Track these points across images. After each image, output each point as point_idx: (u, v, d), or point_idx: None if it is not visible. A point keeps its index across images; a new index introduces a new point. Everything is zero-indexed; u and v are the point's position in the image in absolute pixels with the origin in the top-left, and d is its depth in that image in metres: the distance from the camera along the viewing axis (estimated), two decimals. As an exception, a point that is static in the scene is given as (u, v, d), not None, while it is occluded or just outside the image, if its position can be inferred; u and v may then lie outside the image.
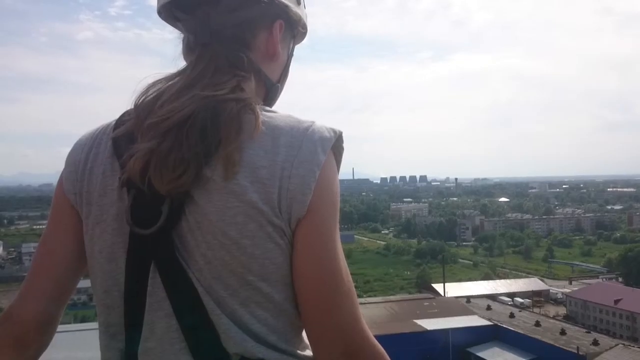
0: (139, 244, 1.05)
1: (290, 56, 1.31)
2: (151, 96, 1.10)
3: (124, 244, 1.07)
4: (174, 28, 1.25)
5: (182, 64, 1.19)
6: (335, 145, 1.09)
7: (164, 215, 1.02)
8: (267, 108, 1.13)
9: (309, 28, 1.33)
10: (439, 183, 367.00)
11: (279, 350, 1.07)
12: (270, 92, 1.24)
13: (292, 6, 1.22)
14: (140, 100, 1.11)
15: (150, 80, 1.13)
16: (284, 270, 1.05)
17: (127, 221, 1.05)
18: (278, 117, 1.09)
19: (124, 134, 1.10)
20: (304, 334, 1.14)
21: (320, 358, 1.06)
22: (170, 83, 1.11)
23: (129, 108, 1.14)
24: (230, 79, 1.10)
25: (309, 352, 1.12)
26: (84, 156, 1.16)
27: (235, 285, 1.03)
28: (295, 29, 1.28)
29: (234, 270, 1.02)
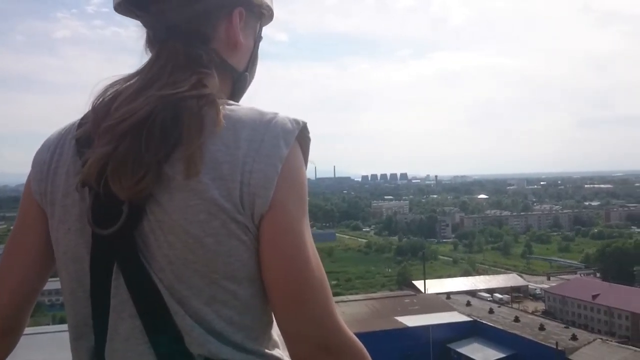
0: (101, 244, 1.04)
1: (257, 40, 1.27)
2: (108, 97, 1.09)
3: (87, 244, 1.06)
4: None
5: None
6: (300, 136, 1.07)
7: (124, 216, 1.01)
8: (230, 102, 1.10)
9: (279, 14, 1.31)
10: (419, 181, 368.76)
11: (245, 350, 1.06)
12: (238, 82, 1.22)
13: None
14: (98, 102, 1.10)
15: (109, 81, 1.12)
16: (250, 267, 1.03)
17: (88, 222, 1.04)
18: (240, 111, 1.06)
19: (84, 135, 1.09)
20: (273, 331, 1.13)
21: (296, 353, 1.04)
22: (128, 83, 1.10)
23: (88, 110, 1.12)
24: (189, 75, 1.08)
25: (277, 351, 1.12)
26: (49, 156, 1.15)
27: (199, 284, 1.01)
28: (258, 12, 1.24)
29: (198, 269, 1.01)
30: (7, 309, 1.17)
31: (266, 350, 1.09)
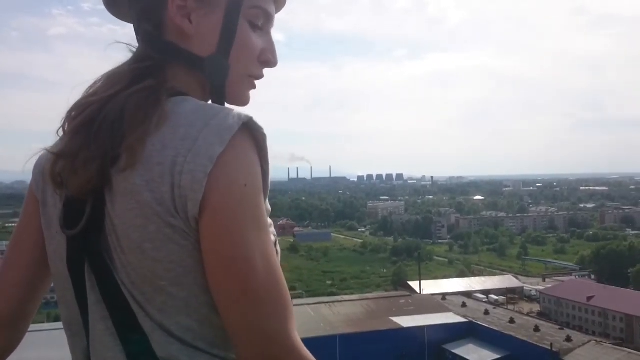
0: (73, 245, 1.03)
1: (230, 15, 1.09)
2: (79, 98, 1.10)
3: (65, 245, 1.06)
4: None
5: None
6: (252, 132, 0.98)
7: (85, 216, 1.00)
8: (187, 98, 1.04)
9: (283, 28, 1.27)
10: (415, 181, 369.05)
11: (210, 354, 1.01)
12: (207, 69, 1.09)
13: None
14: (75, 103, 1.10)
15: (93, 81, 1.12)
16: (197, 273, 0.97)
17: (59, 222, 1.05)
18: (185, 107, 1.00)
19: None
20: None
21: None
22: (93, 84, 1.11)
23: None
24: (135, 70, 1.06)
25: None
26: (44, 159, 1.15)
27: (149, 291, 0.97)
28: None
29: (144, 275, 0.97)
30: (9, 302, 1.17)
31: (231, 355, 1.03)
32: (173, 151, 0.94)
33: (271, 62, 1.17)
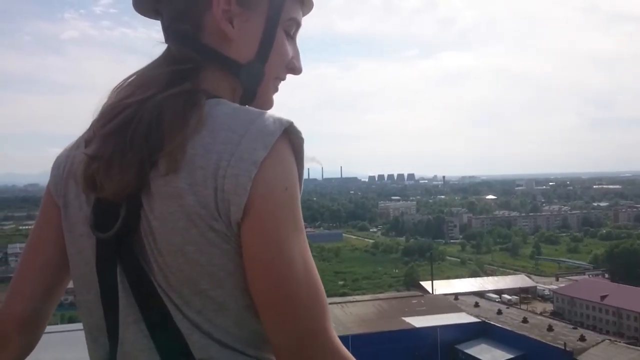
0: (104, 248, 1.03)
1: (271, 22, 1.13)
2: (111, 99, 1.10)
3: (93, 247, 1.05)
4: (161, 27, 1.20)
5: None
6: (289, 137, 1.00)
7: (120, 220, 0.99)
8: (222, 101, 1.05)
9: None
10: (426, 181, 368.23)
11: (248, 355, 1.02)
12: (243, 75, 1.12)
13: None
14: (104, 104, 1.10)
15: (120, 82, 1.12)
16: (237, 276, 0.98)
17: (90, 225, 1.04)
18: (225, 110, 1.01)
19: (89, 138, 1.10)
20: None
21: None
22: (125, 85, 1.10)
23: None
24: (172, 73, 1.06)
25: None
26: (64, 161, 1.17)
27: (188, 294, 0.98)
28: None
29: (184, 278, 0.97)
30: (27, 306, 1.16)
31: (269, 356, 1.04)
32: (216, 155, 0.95)
33: (297, 69, 1.21)
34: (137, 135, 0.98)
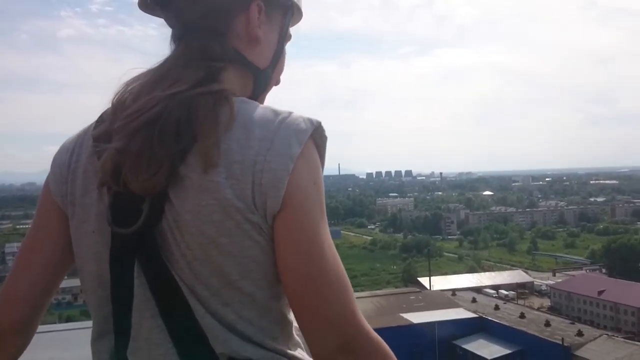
0: (121, 243, 1.04)
1: (283, 37, 1.24)
2: (127, 94, 1.09)
3: (106, 243, 1.06)
4: (157, 25, 1.23)
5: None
6: (315, 135, 1.06)
7: (144, 215, 1.01)
8: (245, 99, 1.10)
9: (301, 5, 1.28)
10: (424, 178, 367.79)
11: (267, 348, 1.06)
12: (258, 80, 1.19)
13: None
14: (116, 99, 1.10)
15: (128, 77, 1.12)
16: (266, 267, 1.03)
17: (108, 221, 1.04)
18: (254, 109, 1.06)
19: (103, 134, 1.08)
20: (294, 331, 1.14)
21: (317, 355, 1.02)
22: (144, 80, 1.10)
23: (107, 107, 1.13)
24: (200, 70, 1.07)
25: (300, 352, 1.12)
26: (67, 157, 1.15)
27: (216, 285, 1.01)
28: (283, 7, 1.23)
29: (214, 269, 1.00)
30: (23, 307, 1.16)
31: (288, 351, 1.09)
32: (252, 150, 0.99)
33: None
34: (166, 131, 0.99)
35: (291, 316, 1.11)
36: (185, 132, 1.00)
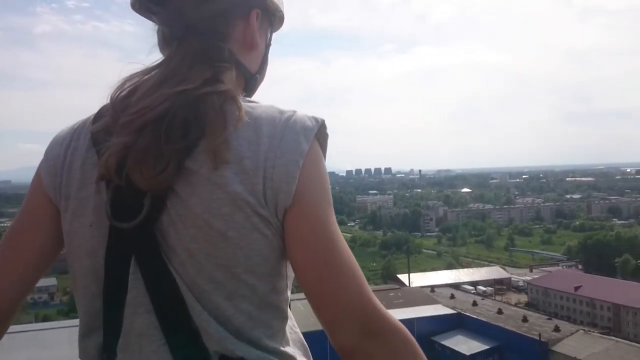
0: (119, 238, 1.03)
1: (268, 45, 1.28)
2: (126, 91, 1.09)
3: (103, 238, 1.05)
4: (134, 21, 1.24)
5: (155, 55, 1.18)
6: (319, 133, 1.10)
7: (145, 209, 1.01)
8: (249, 99, 1.14)
9: (285, 15, 1.31)
10: (403, 175, 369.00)
11: (261, 347, 1.06)
12: (249, 83, 1.23)
13: None
14: (116, 95, 1.09)
15: (126, 74, 1.12)
16: (270, 261, 1.05)
17: (107, 215, 1.03)
18: (260, 108, 1.08)
19: (102, 129, 1.08)
20: (287, 328, 1.15)
21: (342, 343, 1.02)
22: (145, 77, 1.10)
23: (106, 102, 1.12)
24: (206, 71, 1.08)
25: (290, 349, 1.13)
26: (63, 150, 1.15)
27: (220, 278, 1.02)
28: (272, 16, 1.26)
29: (219, 262, 1.01)
30: (5, 303, 1.15)
31: (281, 348, 1.10)
32: (263, 147, 1.02)
33: None
34: (173, 128, 1.01)
35: (288, 312, 1.14)
36: (193, 130, 1.01)
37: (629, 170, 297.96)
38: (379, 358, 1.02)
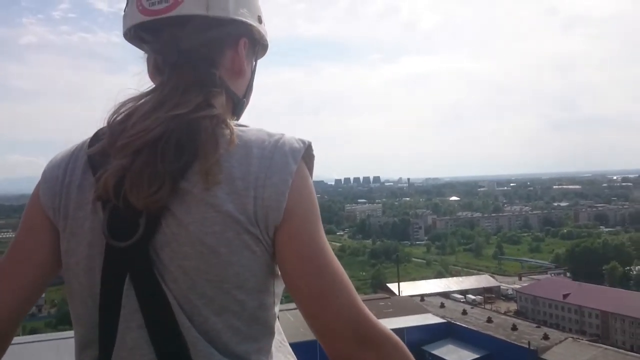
0: (115, 256, 1.07)
1: (253, 72, 1.35)
2: (122, 115, 1.14)
3: (99, 256, 1.09)
4: (121, 32, 1.27)
5: (144, 79, 1.24)
6: (305, 154, 1.14)
7: (141, 228, 1.05)
8: (239, 123, 1.19)
9: (269, 44, 1.37)
10: (392, 183, 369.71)
11: None
12: (236, 108, 1.28)
13: (255, 24, 1.27)
14: (113, 119, 1.14)
15: (122, 99, 1.16)
16: (259, 277, 1.09)
17: (104, 234, 1.07)
18: (249, 131, 1.14)
19: (99, 151, 1.13)
20: (275, 343, 1.20)
21: (337, 352, 1.08)
22: (141, 102, 1.15)
23: (102, 126, 1.17)
24: (198, 96, 1.13)
25: None
26: (61, 172, 1.19)
27: (210, 293, 1.06)
28: (258, 45, 1.33)
29: (210, 278, 1.05)
30: (5, 320, 1.16)
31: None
32: (253, 168, 1.08)
33: None
34: (168, 149, 1.06)
35: (276, 327, 1.19)
36: (187, 152, 1.06)
37: (615, 177, 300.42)
38: None
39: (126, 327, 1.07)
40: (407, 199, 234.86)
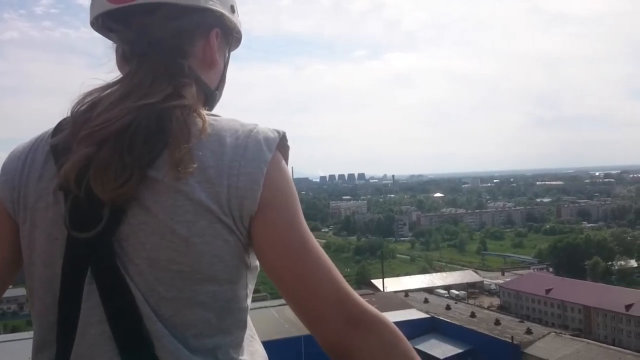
0: (77, 248, 1.03)
1: (226, 63, 1.32)
2: (87, 105, 1.10)
3: (60, 248, 1.05)
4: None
5: (112, 67, 1.21)
6: (280, 144, 1.12)
7: (105, 219, 1.01)
8: (211, 113, 1.16)
9: (243, 34, 1.35)
10: (376, 180, 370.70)
11: (217, 358, 1.07)
12: (209, 99, 1.25)
13: (227, 14, 1.24)
14: (77, 109, 1.10)
15: (87, 89, 1.13)
16: (232, 268, 1.06)
17: (65, 225, 1.03)
18: (222, 121, 1.11)
19: (62, 141, 1.09)
20: (246, 336, 1.16)
21: (328, 337, 1.06)
22: (107, 92, 1.11)
23: (66, 116, 1.14)
24: (167, 86, 1.10)
25: (246, 358, 1.14)
26: (20, 163, 1.15)
27: (180, 285, 1.02)
28: (231, 36, 1.30)
29: (181, 269, 1.02)
30: None
31: (239, 357, 1.11)
32: (227, 157, 1.05)
33: None
34: (136, 140, 1.02)
35: (245, 319, 1.15)
36: (157, 141, 1.03)
37: (597, 174, 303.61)
38: (367, 347, 1.04)
39: (87, 322, 1.02)
40: (392, 195, 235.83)
